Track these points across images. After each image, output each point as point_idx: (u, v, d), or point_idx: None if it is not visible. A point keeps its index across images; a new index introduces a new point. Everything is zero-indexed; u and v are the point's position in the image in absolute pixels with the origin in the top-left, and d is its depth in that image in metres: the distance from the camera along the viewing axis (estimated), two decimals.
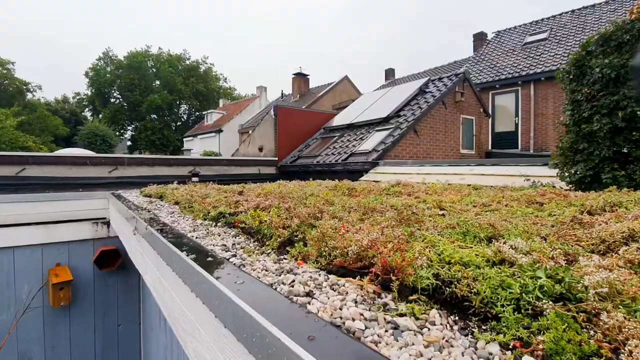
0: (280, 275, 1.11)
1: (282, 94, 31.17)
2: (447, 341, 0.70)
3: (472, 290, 0.80)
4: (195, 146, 30.93)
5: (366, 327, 0.75)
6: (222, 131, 29.63)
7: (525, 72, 13.10)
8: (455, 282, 0.84)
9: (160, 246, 1.74)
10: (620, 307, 0.69)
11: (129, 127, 40.39)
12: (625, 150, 2.78)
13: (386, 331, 0.73)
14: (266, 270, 1.18)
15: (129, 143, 39.76)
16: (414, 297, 0.85)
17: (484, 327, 0.74)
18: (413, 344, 0.68)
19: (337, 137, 9.90)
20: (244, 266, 1.24)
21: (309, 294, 0.95)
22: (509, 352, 0.65)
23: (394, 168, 6.83)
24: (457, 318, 0.80)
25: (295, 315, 0.80)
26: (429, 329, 0.74)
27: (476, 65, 15.57)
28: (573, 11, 15.19)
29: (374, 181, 4.86)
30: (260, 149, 11.11)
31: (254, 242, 1.63)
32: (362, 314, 0.80)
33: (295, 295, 0.94)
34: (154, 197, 3.83)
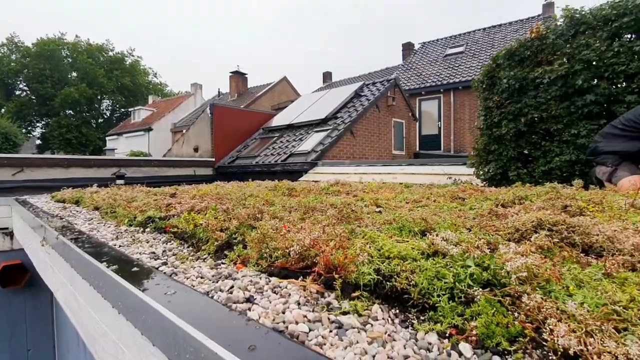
0: (217, 282, 1.03)
1: (218, 92, 29.92)
2: (389, 335, 0.70)
3: (411, 283, 0.83)
4: (121, 146, 28.13)
5: (310, 329, 0.72)
6: (151, 130, 27.40)
7: (446, 81, 14.45)
8: (395, 276, 0.86)
9: (75, 258, 1.52)
10: (538, 289, 0.76)
11: (38, 124, 35.22)
12: (526, 152, 3.20)
13: (330, 331, 0.72)
14: (202, 278, 1.09)
15: (38, 142, 34.65)
16: (357, 293, 0.85)
17: (422, 318, 0.77)
18: (357, 342, 0.67)
19: (276, 138, 9.80)
20: (176, 274, 1.14)
21: (249, 300, 0.89)
22: (446, 340, 0.67)
23: (332, 168, 6.98)
24: (397, 311, 0.81)
25: (235, 323, 0.75)
26: (371, 324, 0.75)
27: (405, 73, 16.71)
28: (484, 29, 17.16)
29: (313, 181, 4.90)
30: (196, 149, 10.51)
31: (188, 247, 1.51)
32: (305, 316, 0.77)
33: (235, 302, 0.88)
34: (69, 202, 3.37)
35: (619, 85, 2.77)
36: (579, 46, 2.88)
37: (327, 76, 25.91)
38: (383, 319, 0.77)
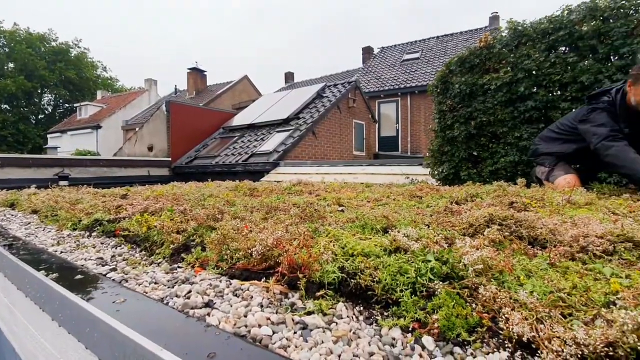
0: (173, 287, 0.97)
1: (175, 89, 28.58)
2: (354, 333, 0.70)
3: (375, 279, 0.83)
4: (65, 144, 25.80)
5: (274, 332, 0.70)
6: (100, 127, 25.47)
7: (403, 85, 15.01)
8: (359, 273, 0.86)
9: (8, 266, 1.36)
10: (493, 280, 0.80)
11: None
12: (475, 153, 3.41)
13: (295, 333, 0.70)
14: (155, 283, 1.02)
15: None
16: (321, 292, 0.84)
17: (386, 314, 0.77)
18: (322, 342, 0.66)
19: (237, 138, 9.58)
20: (127, 281, 1.05)
21: (208, 304, 0.85)
22: (409, 335, 0.68)
23: (294, 168, 6.95)
24: (362, 308, 0.81)
25: (192, 331, 0.70)
26: (336, 323, 0.74)
27: (365, 76, 17.10)
28: (438, 37, 18.09)
29: (275, 181, 4.84)
30: (150, 149, 9.96)
31: (140, 251, 1.41)
32: (269, 318, 0.74)
33: (192, 308, 0.83)
34: (3, 205, 3.04)
35: (554, 93, 3.03)
36: (521, 56, 3.11)
37: (289, 76, 25.80)
38: (348, 316, 0.77)
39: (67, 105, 35.02)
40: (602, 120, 2.22)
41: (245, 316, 0.76)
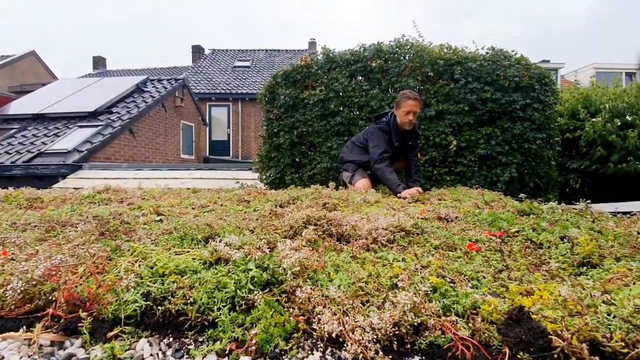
0: None
1: None
2: None
3: (189, 301, 0.73)
4: None
5: None
6: None
7: (235, 91, 15.11)
8: (169, 297, 0.73)
9: None
10: (308, 280, 0.84)
11: None
12: (298, 159, 3.76)
13: None
14: None
15: None
16: (115, 331, 0.67)
17: (201, 340, 0.68)
18: None
19: (16, 130, 7.22)
20: None
21: None
22: (225, 359, 0.62)
23: (104, 172, 5.80)
24: (171, 339, 0.69)
25: None
26: None
27: (195, 76, 16.20)
28: (266, 50, 19.16)
29: (74, 188, 3.85)
30: None
31: None
32: None
33: None
34: None
35: (355, 112, 3.69)
36: (332, 79, 3.64)
37: (99, 62, 21.29)
38: (152, 355, 0.63)
39: None
40: (376, 142, 2.85)
41: None
